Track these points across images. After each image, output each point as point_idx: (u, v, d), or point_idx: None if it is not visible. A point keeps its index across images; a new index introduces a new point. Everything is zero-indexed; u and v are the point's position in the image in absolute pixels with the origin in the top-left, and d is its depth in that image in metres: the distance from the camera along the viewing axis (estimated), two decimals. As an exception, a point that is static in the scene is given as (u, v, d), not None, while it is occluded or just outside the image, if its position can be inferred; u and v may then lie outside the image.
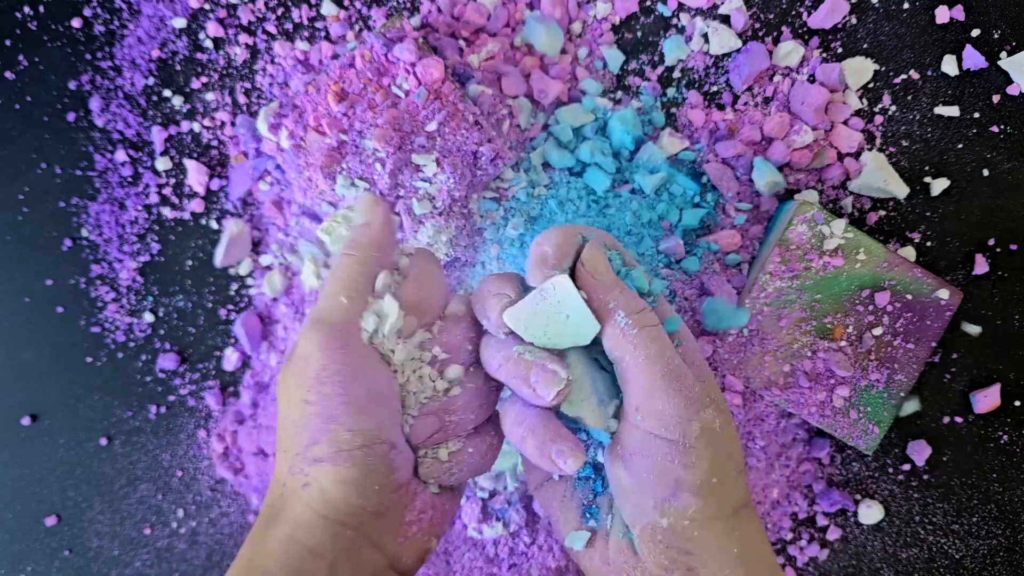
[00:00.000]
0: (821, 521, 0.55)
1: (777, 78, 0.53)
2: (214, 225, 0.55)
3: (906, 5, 0.53)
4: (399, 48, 0.47)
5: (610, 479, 0.34)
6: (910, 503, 0.54)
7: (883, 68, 0.53)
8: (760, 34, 0.53)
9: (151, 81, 0.54)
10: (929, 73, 0.53)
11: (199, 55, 0.54)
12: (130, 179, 0.55)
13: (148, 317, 0.55)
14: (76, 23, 0.54)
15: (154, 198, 0.55)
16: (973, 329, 0.53)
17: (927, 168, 0.53)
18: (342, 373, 0.31)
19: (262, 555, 0.31)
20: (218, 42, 0.54)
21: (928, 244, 0.53)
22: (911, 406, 0.53)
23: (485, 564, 0.54)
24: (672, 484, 0.31)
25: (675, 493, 0.31)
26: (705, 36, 0.53)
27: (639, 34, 0.53)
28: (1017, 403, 0.53)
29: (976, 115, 0.53)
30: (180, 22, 0.54)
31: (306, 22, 0.54)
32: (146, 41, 0.54)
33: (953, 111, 0.53)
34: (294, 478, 0.31)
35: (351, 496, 0.31)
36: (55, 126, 0.54)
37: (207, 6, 0.54)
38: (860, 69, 0.52)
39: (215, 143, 0.54)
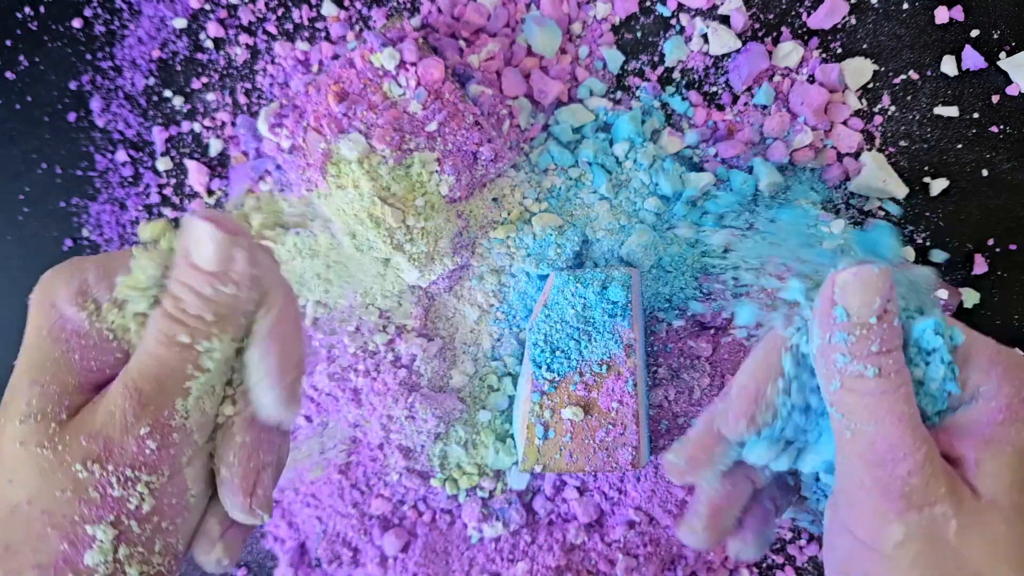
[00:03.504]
0: (820, 521, 0.55)
1: (777, 78, 0.53)
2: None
3: (905, 5, 0.53)
4: (388, 55, 0.47)
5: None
6: (909, 503, 0.54)
7: (882, 68, 0.53)
8: (760, 34, 0.53)
9: (152, 81, 0.54)
10: (928, 73, 0.53)
11: (199, 55, 0.54)
12: (131, 179, 0.55)
13: (149, 317, 0.55)
14: (77, 23, 0.54)
15: (155, 198, 0.55)
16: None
17: (926, 168, 0.53)
18: None
19: None
20: (218, 42, 0.54)
21: (928, 244, 0.53)
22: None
23: (485, 563, 0.54)
24: None
25: None
26: (705, 36, 0.53)
27: (639, 34, 0.53)
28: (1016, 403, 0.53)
29: (975, 115, 0.53)
30: (180, 22, 0.54)
31: (306, 22, 0.54)
32: (147, 41, 0.54)
33: (952, 111, 0.53)
34: None
35: None
36: (56, 126, 0.54)
37: (207, 6, 0.54)
38: (859, 69, 0.52)
39: (208, 139, 0.55)
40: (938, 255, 0.54)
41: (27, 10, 0.54)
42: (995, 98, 0.53)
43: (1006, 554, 0.22)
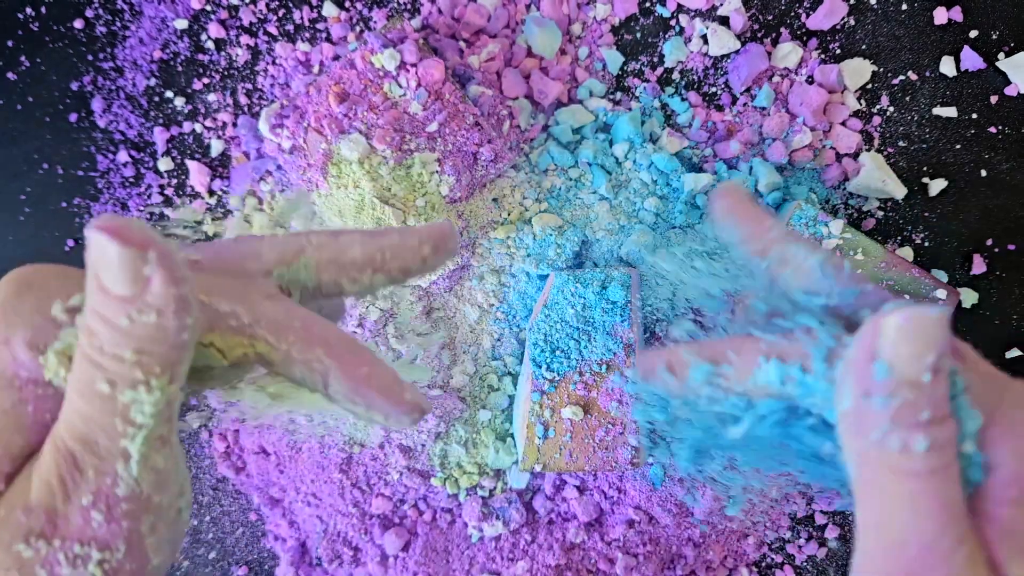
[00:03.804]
0: (819, 520, 0.55)
1: (776, 79, 0.53)
2: (214, 229, 0.55)
3: (904, 6, 0.53)
4: (389, 56, 0.48)
5: None
6: (908, 502, 0.54)
7: (881, 69, 0.53)
8: (759, 35, 0.53)
9: (153, 82, 0.54)
10: (927, 74, 0.53)
11: (201, 56, 0.54)
12: (132, 180, 0.55)
13: (150, 317, 0.55)
14: (78, 24, 0.54)
15: (156, 199, 0.55)
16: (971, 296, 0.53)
17: (925, 168, 0.53)
18: None
19: None
20: (220, 43, 0.54)
21: (926, 244, 0.54)
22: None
23: (486, 562, 0.54)
24: None
25: None
26: (704, 37, 0.53)
27: (638, 35, 0.53)
28: None
29: (974, 116, 0.53)
30: (182, 23, 0.54)
31: (307, 23, 0.54)
32: (148, 42, 0.54)
33: (951, 112, 0.53)
34: None
35: None
36: (57, 127, 0.54)
37: (209, 7, 0.54)
38: (858, 70, 0.53)
39: (209, 139, 0.55)
40: (939, 274, 0.54)
41: (28, 10, 0.54)
42: (994, 99, 0.53)
43: None
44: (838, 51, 0.53)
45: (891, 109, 0.53)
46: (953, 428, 0.20)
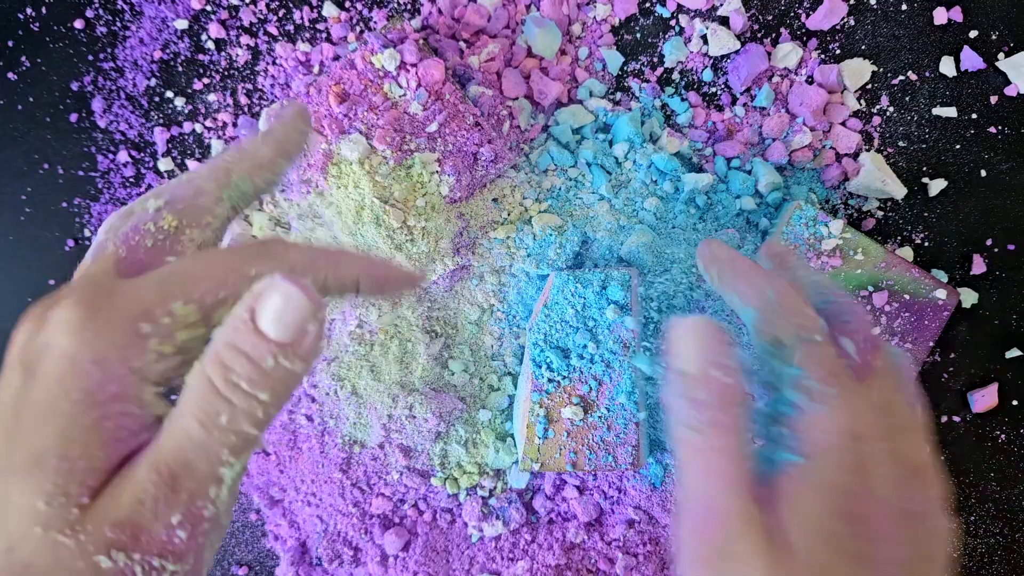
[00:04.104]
0: (819, 520, 0.55)
1: (776, 79, 0.53)
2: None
3: (904, 6, 0.53)
4: (389, 56, 0.48)
5: None
6: (908, 502, 0.54)
7: (881, 69, 0.53)
8: (759, 35, 0.53)
9: (153, 82, 0.54)
10: (927, 74, 0.53)
11: (201, 56, 0.54)
12: (132, 180, 0.55)
13: (150, 317, 0.55)
14: (78, 24, 0.54)
15: (156, 198, 0.55)
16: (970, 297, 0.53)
17: (925, 169, 0.53)
18: None
19: None
20: (220, 43, 0.54)
21: (926, 244, 0.54)
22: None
23: (486, 562, 0.54)
24: None
25: None
26: (704, 38, 0.53)
27: (638, 36, 0.54)
28: (1015, 403, 0.54)
29: (974, 116, 0.53)
30: (182, 23, 0.54)
31: (307, 23, 0.54)
32: (148, 42, 0.54)
33: (951, 112, 0.53)
34: None
35: None
36: (57, 127, 0.55)
37: (209, 7, 0.54)
38: (858, 70, 0.53)
39: (209, 140, 0.55)
40: (939, 274, 0.54)
41: (29, 11, 0.54)
42: (993, 99, 0.53)
43: None
44: (838, 51, 0.53)
45: (891, 109, 0.53)
46: (735, 417, 0.24)
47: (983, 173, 0.53)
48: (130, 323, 0.21)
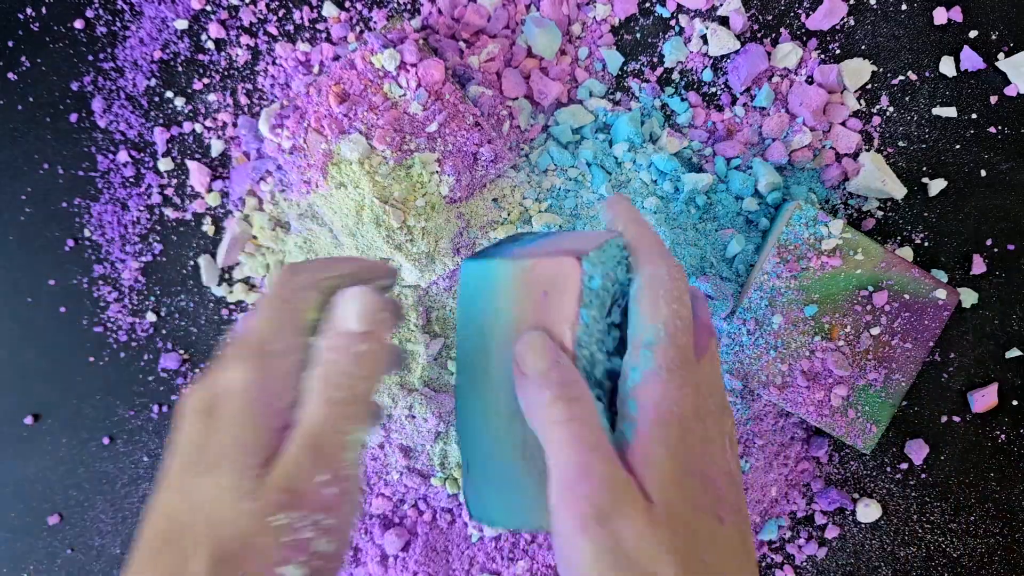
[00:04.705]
0: (819, 519, 0.55)
1: (776, 79, 0.53)
2: (213, 229, 0.55)
3: (904, 7, 0.53)
4: (389, 56, 0.48)
5: None
6: (908, 502, 0.55)
7: (881, 69, 0.53)
8: (759, 35, 0.53)
9: (153, 82, 0.54)
10: (927, 74, 0.53)
11: (201, 56, 0.54)
12: (132, 180, 0.55)
13: (150, 317, 0.55)
14: (78, 24, 0.54)
15: (156, 199, 0.55)
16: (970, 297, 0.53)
17: (925, 169, 0.53)
18: None
19: None
20: (220, 43, 0.54)
21: (926, 244, 0.54)
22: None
23: (486, 562, 0.54)
24: None
25: None
26: (704, 38, 0.53)
27: (638, 36, 0.54)
28: (1014, 402, 0.54)
29: (974, 116, 0.53)
30: (182, 23, 0.54)
31: (307, 23, 0.54)
32: (148, 42, 0.54)
33: (951, 112, 0.53)
34: None
35: None
36: (57, 127, 0.55)
37: (209, 7, 0.54)
38: (858, 70, 0.53)
39: (209, 140, 0.55)
40: (939, 274, 0.54)
41: (29, 11, 0.54)
42: (993, 99, 0.53)
43: (670, 550, 0.25)
44: (838, 51, 0.53)
45: (891, 109, 0.53)
46: (578, 390, 0.28)
47: (983, 173, 0.53)
48: (287, 333, 0.29)
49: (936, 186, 0.53)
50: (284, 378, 0.28)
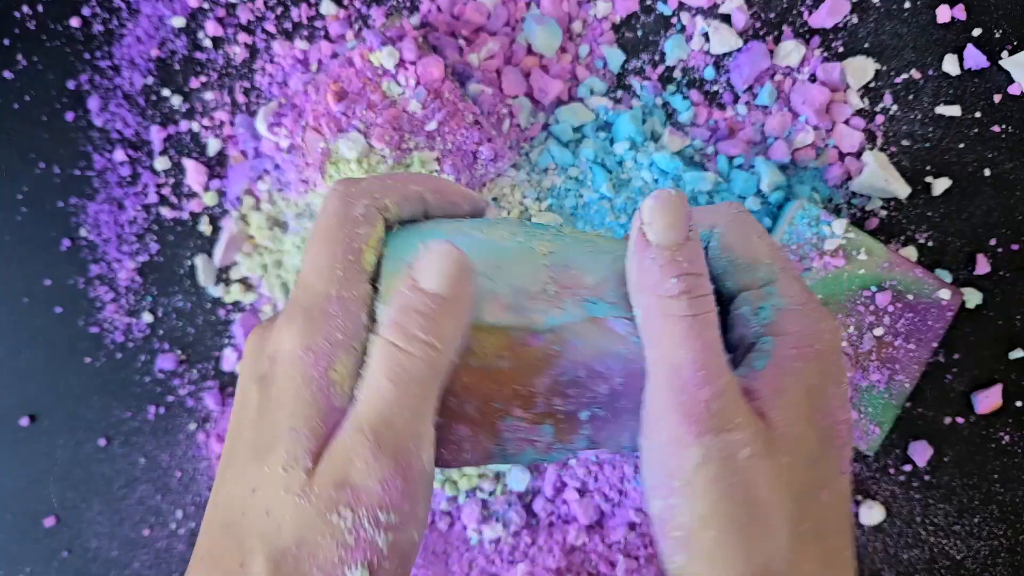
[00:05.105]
0: (822, 522, 0.55)
1: (778, 77, 0.53)
2: (210, 228, 0.55)
3: (907, 4, 0.52)
4: (387, 54, 0.47)
5: None
6: (911, 504, 0.54)
7: (884, 67, 0.53)
8: (761, 33, 0.53)
9: (150, 80, 0.54)
10: (930, 72, 0.53)
11: (198, 54, 0.54)
12: (129, 179, 0.54)
13: (147, 317, 0.55)
14: (75, 22, 0.54)
15: (153, 198, 0.54)
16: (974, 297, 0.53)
17: (928, 168, 0.53)
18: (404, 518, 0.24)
19: None
20: (217, 41, 0.54)
21: (930, 244, 0.53)
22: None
23: (485, 564, 0.54)
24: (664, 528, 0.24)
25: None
26: (706, 35, 0.52)
27: (639, 33, 0.53)
28: (1019, 404, 0.53)
29: (978, 115, 0.53)
30: (179, 21, 0.53)
31: (305, 21, 0.54)
32: (145, 40, 0.54)
33: (955, 111, 0.52)
34: None
35: None
36: (53, 125, 0.54)
37: (206, 5, 0.54)
38: (861, 68, 0.52)
39: (206, 138, 0.54)
40: (943, 274, 0.53)
41: (25, 9, 0.54)
42: (997, 97, 0.52)
43: (787, 481, 0.24)
44: (841, 49, 0.53)
45: (894, 108, 0.53)
46: (707, 285, 0.25)
47: (987, 172, 0.53)
48: (341, 318, 0.25)
49: (940, 185, 0.52)
50: (344, 344, 0.24)
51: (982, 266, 0.53)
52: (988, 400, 0.53)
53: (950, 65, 0.52)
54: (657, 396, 0.24)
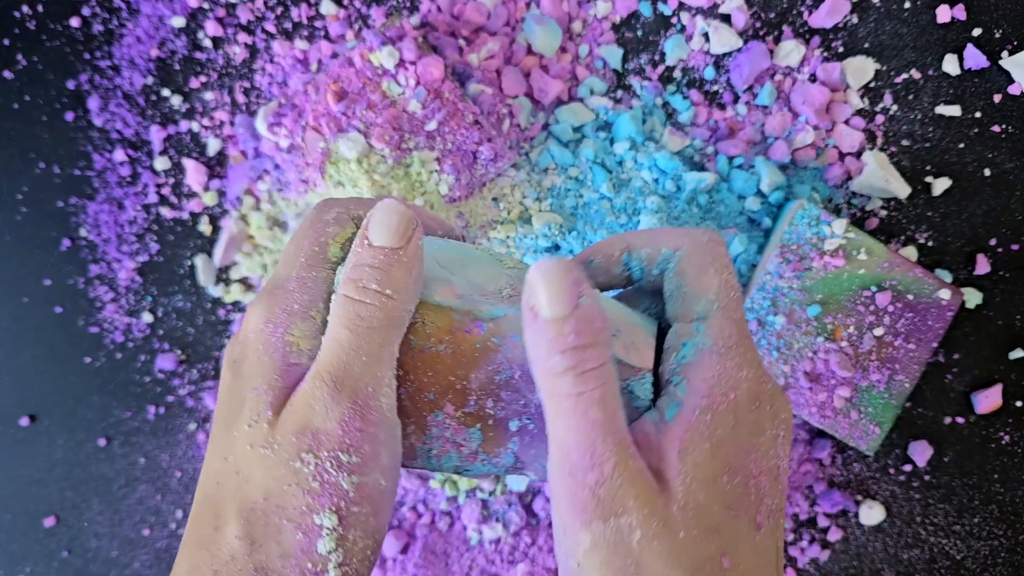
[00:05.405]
0: (822, 522, 0.55)
1: (778, 77, 0.52)
2: (210, 228, 0.55)
3: (907, 4, 0.52)
4: (387, 54, 0.47)
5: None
6: (911, 504, 0.54)
7: (884, 67, 0.53)
8: (761, 33, 0.53)
9: (150, 80, 0.54)
10: (930, 72, 0.53)
11: (198, 54, 0.54)
12: (129, 179, 0.54)
13: (147, 317, 0.55)
14: (75, 22, 0.54)
15: (153, 198, 0.54)
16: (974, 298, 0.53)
17: (928, 168, 0.53)
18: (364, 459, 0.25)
19: None
20: (217, 41, 0.54)
21: (930, 244, 0.53)
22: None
23: (485, 565, 0.54)
24: None
25: None
26: (706, 35, 0.52)
27: (639, 33, 0.53)
28: (1018, 403, 0.53)
29: (977, 114, 0.53)
30: (179, 21, 0.53)
31: (305, 21, 0.54)
32: (145, 40, 0.54)
33: (954, 110, 0.52)
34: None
35: None
36: (54, 125, 0.54)
37: (206, 5, 0.53)
38: (861, 68, 0.52)
39: (206, 138, 0.54)
40: (943, 274, 0.53)
41: (25, 9, 0.54)
42: (997, 97, 0.52)
43: (682, 556, 0.23)
44: (840, 49, 0.53)
45: (894, 108, 0.53)
46: (600, 356, 0.23)
47: (987, 172, 0.53)
48: (304, 295, 0.27)
49: (940, 185, 0.52)
50: (301, 313, 0.26)
51: (982, 266, 0.53)
52: (988, 400, 0.53)
53: (950, 65, 0.52)
54: (552, 475, 0.24)
